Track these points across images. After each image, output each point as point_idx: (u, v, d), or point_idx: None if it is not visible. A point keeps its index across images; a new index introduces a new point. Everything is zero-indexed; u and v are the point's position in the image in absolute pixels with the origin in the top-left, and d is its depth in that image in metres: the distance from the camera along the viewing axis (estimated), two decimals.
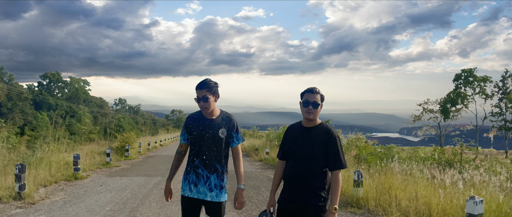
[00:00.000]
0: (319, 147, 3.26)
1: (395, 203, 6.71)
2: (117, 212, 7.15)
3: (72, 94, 66.67)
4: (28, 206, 7.49)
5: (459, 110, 50.82)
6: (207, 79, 3.53)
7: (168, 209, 7.39)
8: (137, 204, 7.87)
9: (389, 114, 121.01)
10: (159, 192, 9.20)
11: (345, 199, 7.90)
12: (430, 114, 51.36)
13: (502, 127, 47.23)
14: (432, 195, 6.32)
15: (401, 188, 7.11)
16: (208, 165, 3.50)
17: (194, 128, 3.57)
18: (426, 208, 6.11)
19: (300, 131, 3.41)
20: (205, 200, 3.51)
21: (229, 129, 3.60)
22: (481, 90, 50.21)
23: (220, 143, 3.54)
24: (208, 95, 3.45)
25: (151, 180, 11.20)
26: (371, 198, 7.22)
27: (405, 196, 6.78)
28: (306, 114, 3.32)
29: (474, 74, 50.31)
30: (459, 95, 50.43)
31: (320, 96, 3.33)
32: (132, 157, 19.27)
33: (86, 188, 9.71)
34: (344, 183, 8.62)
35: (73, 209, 7.31)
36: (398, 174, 8.01)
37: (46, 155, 11.90)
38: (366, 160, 11.30)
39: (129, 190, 9.53)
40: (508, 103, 46.77)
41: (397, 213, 6.33)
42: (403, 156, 11.39)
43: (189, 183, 3.55)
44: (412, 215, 6.08)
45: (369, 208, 7.06)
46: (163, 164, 16.39)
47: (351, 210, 7.13)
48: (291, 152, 3.41)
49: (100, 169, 13.99)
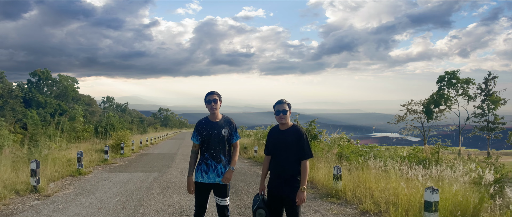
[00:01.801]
0: (292, 143, 4.35)
1: (369, 194, 7.77)
2: (126, 202, 8.11)
3: (61, 92, 66.86)
4: (45, 198, 8.39)
5: (442, 110, 52.34)
6: (215, 90, 4.72)
7: (170, 199, 8.37)
8: (142, 195, 8.84)
9: (389, 114, 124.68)
10: (159, 186, 10.16)
11: (326, 191, 8.97)
12: (414, 114, 52.79)
13: (484, 128, 48.81)
14: (400, 187, 7.38)
15: (375, 181, 8.18)
16: (215, 157, 4.59)
17: (203, 129, 4.66)
18: (395, 197, 7.17)
19: (278, 132, 4.53)
20: (214, 183, 4.58)
21: (230, 129, 4.73)
22: (464, 92, 51.82)
23: (224, 140, 4.65)
24: (217, 98, 4.65)
25: (149, 175, 12.14)
26: (348, 190, 8.30)
27: (378, 188, 7.84)
28: (278, 120, 4.49)
29: (457, 77, 51.90)
30: (442, 96, 51.98)
31: (287, 105, 4.47)
32: (127, 154, 20.13)
33: (92, 183, 10.63)
34: (325, 177, 9.70)
35: (86, 200, 8.26)
36: (373, 170, 9.08)
37: (51, 152, 12.74)
38: (348, 158, 12.36)
39: (132, 184, 10.47)
40: (490, 105, 48.34)
41: (369, 202, 7.40)
42: (386, 155, 12.46)
43: (201, 172, 4.59)
44: (382, 203, 7.14)
45: (347, 198, 8.14)
46: (158, 161, 17.30)
47: (331, 200, 8.20)
48: (273, 149, 4.52)
49: (99, 165, 14.87)
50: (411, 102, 52.68)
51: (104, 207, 7.57)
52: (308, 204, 7.95)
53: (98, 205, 7.75)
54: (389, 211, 6.68)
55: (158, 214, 7.06)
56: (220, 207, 4.62)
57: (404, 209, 6.49)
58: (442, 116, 52.53)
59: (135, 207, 7.65)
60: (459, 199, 6.38)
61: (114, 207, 7.59)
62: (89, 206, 7.71)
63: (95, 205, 7.79)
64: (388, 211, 6.70)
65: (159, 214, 7.06)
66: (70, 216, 6.89)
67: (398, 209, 6.54)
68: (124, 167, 14.80)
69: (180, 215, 7.04)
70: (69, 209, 7.41)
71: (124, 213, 7.14)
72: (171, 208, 7.54)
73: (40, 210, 7.31)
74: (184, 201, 8.28)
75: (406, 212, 6.41)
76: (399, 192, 7.19)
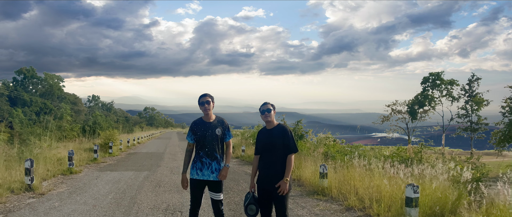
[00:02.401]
0: (278, 141, 4.74)
1: (354, 191, 8.15)
2: (119, 199, 8.36)
3: (47, 91, 66.25)
4: (39, 196, 8.58)
5: (426, 111, 53.25)
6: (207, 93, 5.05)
7: (162, 197, 8.64)
8: (134, 193, 9.09)
9: (429, 113, 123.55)
10: (150, 184, 10.41)
11: (312, 188, 9.33)
12: (398, 114, 53.61)
13: (467, 128, 49.76)
14: (383, 184, 7.78)
15: (359, 179, 8.57)
16: (209, 155, 4.89)
17: (197, 130, 4.96)
18: (378, 194, 7.56)
19: (265, 132, 4.93)
20: (209, 180, 4.89)
21: (223, 128, 5.04)
22: (448, 93, 52.79)
23: (217, 139, 4.96)
24: (209, 100, 4.95)
25: (140, 174, 12.37)
26: (334, 187, 8.67)
27: (362, 185, 8.22)
28: (264, 119, 4.92)
29: (441, 78, 52.87)
30: (426, 97, 52.87)
31: (271, 105, 4.93)
32: (115, 153, 20.28)
33: (84, 181, 10.83)
34: (311, 175, 10.06)
35: (80, 198, 8.48)
36: (358, 168, 9.47)
37: (43, 152, 12.89)
38: (334, 157, 12.75)
39: (123, 182, 10.70)
40: (473, 106, 49.29)
41: (354, 198, 7.77)
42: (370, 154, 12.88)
43: (196, 169, 4.88)
44: (366, 200, 7.52)
45: (332, 195, 8.51)
46: (146, 160, 17.51)
47: (317, 197, 8.57)
48: (261, 148, 4.89)
49: (89, 164, 15.03)
50: (396, 103, 53.49)
51: (99, 205, 7.81)
52: (295, 201, 8.30)
53: (92, 203, 7.99)
54: (372, 207, 7.06)
55: (152, 211, 7.33)
56: (215, 202, 4.94)
57: (386, 205, 6.87)
58: (426, 116, 53.42)
59: (129, 204, 7.91)
60: (438, 195, 6.78)
61: (108, 205, 7.83)
62: (84, 203, 7.94)
63: (90, 202, 8.02)
64: (372, 207, 7.08)
65: (152, 211, 7.33)
66: (66, 213, 7.11)
67: (381, 205, 6.93)
68: (113, 166, 14.98)
69: (173, 211, 7.33)
70: (65, 206, 7.63)
71: (119, 210, 7.39)
72: (164, 205, 7.82)
73: (37, 207, 7.52)
74: (176, 198, 8.56)
75: (388, 208, 6.79)
76: (382, 189, 7.58)
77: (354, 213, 7.20)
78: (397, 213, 6.47)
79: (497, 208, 5.78)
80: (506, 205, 5.72)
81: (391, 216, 6.52)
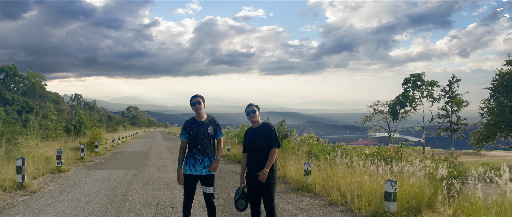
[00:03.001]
0: (263, 138, 5.18)
1: (336, 188, 8.56)
2: (111, 196, 8.63)
3: (29, 89, 65.42)
4: (32, 194, 8.77)
5: (407, 111, 54.35)
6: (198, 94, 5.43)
7: (153, 194, 8.93)
8: (125, 190, 9.36)
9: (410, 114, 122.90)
10: (140, 182, 10.68)
11: (297, 185, 9.73)
12: (380, 114, 54.57)
13: (447, 128, 50.91)
14: (364, 181, 8.21)
15: (341, 176, 8.99)
16: (202, 152, 5.26)
17: (190, 128, 5.32)
18: (359, 189, 7.98)
19: (251, 131, 5.36)
20: (201, 175, 5.25)
21: (215, 127, 5.43)
22: (429, 94, 53.96)
23: (209, 137, 5.34)
24: (200, 100, 5.32)
25: (128, 172, 12.61)
26: (317, 184, 9.08)
27: (344, 182, 8.64)
28: (250, 119, 5.35)
29: (422, 79, 54.04)
30: (407, 98, 53.99)
31: (255, 106, 5.34)
32: (101, 152, 20.40)
33: (74, 179, 11.04)
34: (296, 173, 10.47)
35: (72, 195, 8.72)
36: (340, 166, 9.90)
37: (31, 150, 13.01)
38: (317, 156, 13.19)
39: (113, 180, 10.95)
40: (453, 107, 50.45)
41: (336, 194, 8.19)
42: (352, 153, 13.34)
43: (189, 165, 5.24)
44: (348, 195, 7.94)
45: (316, 191, 8.92)
46: (133, 159, 17.72)
47: (302, 193, 8.97)
48: (249, 146, 5.32)
49: (77, 163, 15.19)
50: (378, 103, 54.44)
51: (92, 201, 8.07)
52: (281, 196, 8.68)
53: (85, 200, 8.23)
54: (354, 202, 7.48)
55: (144, 207, 7.63)
56: (207, 195, 5.31)
57: (367, 200, 7.30)
58: (408, 116, 54.56)
59: (121, 200, 8.19)
60: (415, 191, 7.23)
61: (101, 201, 8.10)
62: (76, 200, 8.19)
63: (82, 199, 8.27)
64: (353, 202, 7.50)
65: (144, 207, 7.63)
66: (61, 210, 7.35)
67: (362, 200, 7.36)
68: (101, 164, 15.17)
69: (164, 207, 7.63)
70: (59, 203, 7.86)
71: (112, 206, 7.66)
72: (155, 201, 8.12)
73: (31, 205, 7.73)
74: (166, 195, 8.85)
75: (369, 202, 7.22)
76: (363, 185, 8.01)
77: (337, 208, 7.61)
78: (377, 207, 6.90)
79: (468, 202, 6.24)
80: (476, 199, 6.18)
81: (371, 210, 6.94)
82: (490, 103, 29.70)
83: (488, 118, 29.21)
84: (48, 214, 7.01)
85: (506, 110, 27.21)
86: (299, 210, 7.48)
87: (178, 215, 7.01)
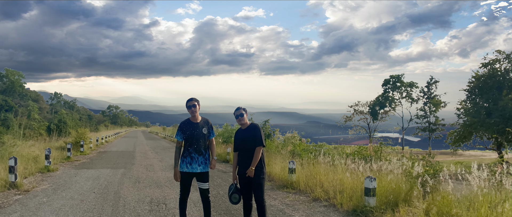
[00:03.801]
0: (250, 138, 5.72)
1: (319, 184, 9.07)
2: (104, 194, 8.96)
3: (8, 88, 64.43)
4: (25, 193, 9.00)
5: (387, 112, 55.50)
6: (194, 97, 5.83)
7: (144, 192, 9.30)
8: (116, 189, 9.69)
9: (390, 114, 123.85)
10: (129, 181, 11.01)
11: (282, 183, 10.22)
12: (361, 115, 55.59)
13: (426, 129, 52.19)
14: (345, 178, 8.74)
15: (324, 174, 9.51)
16: (197, 151, 5.70)
17: (186, 129, 5.74)
18: (341, 186, 8.50)
19: (241, 132, 5.92)
20: (196, 172, 5.70)
21: (208, 128, 5.89)
22: (408, 95, 55.24)
23: (204, 137, 5.79)
24: (196, 104, 5.75)
25: (117, 171, 12.91)
26: (301, 181, 9.59)
27: (327, 179, 9.16)
28: (239, 122, 5.93)
29: (402, 80, 55.30)
30: (387, 98, 55.16)
31: (243, 110, 5.91)
32: (86, 152, 20.55)
33: (64, 178, 11.30)
34: (280, 171, 10.95)
35: (66, 194, 9.01)
36: (323, 164, 10.42)
37: (20, 150, 13.18)
38: (300, 155, 13.71)
39: (103, 179, 11.25)
40: (431, 107, 51.75)
41: (320, 190, 8.70)
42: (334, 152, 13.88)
43: (186, 163, 5.67)
44: (330, 191, 8.45)
45: (300, 188, 9.42)
46: (119, 158, 17.95)
47: (287, 190, 9.46)
48: (238, 146, 5.86)
49: (63, 162, 15.38)
50: (358, 103, 55.44)
51: (86, 199, 8.39)
52: (267, 193, 9.15)
53: (79, 198, 8.55)
54: (336, 197, 7.99)
55: (138, 204, 7.99)
56: (203, 190, 5.76)
57: (348, 195, 7.82)
58: (387, 117, 55.71)
59: (114, 198, 8.53)
60: (393, 187, 7.77)
61: (95, 199, 8.43)
62: (71, 198, 8.49)
63: (77, 198, 8.58)
64: (336, 197, 8.01)
65: (138, 204, 8.00)
66: (57, 208, 7.65)
67: (343, 195, 7.88)
68: (88, 164, 15.39)
69: (157, 203, 8.02)
70: (54, 202, 8.16)
71: (106, 204, 8.01)
72: (148, 199, 8.50)
73: (26, 203, 7.99)
74: (158, 193, 9.22)
75: (350, 198, 7.73)
76: (344, 182, 8.55)
77: (320, 203, 8.11)
78: (358, 202, 7.42)
79: (440, 196, 6.80)
80: (447, 194, 6.75)
81: (352, 204, 7.46)
82: (466, 105, 30.74)
83: (465, 118, 30.22)
84: (45, 212, 7.30)
85: (482, 111, 28.22)
86: (285, 206, 7.96)
87: (172, 211, 7.41)
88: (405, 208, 6.99)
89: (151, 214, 7.16)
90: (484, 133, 28.81)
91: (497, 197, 6.41)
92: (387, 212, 6.90)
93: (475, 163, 7.34)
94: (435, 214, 6.37)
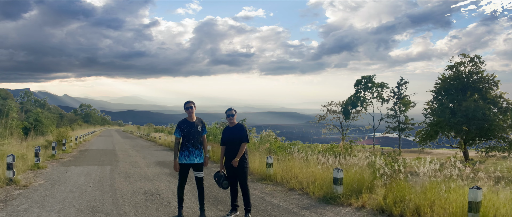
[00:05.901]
0: (237, 135, 6.85)
1: (294, 177, 10.22)
2: (100, 187, 9.85)
3: None
4: (24, 188, 9.67)
5: (358, 111, 57.36)
6: (190, 100, 6.90)
7: (137, 185, 10.23)
8: (110, 182, 10.59)
9: (361, 113, 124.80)
10: (119, 176, 11.88)
11: (261, 176, 11.33)
12: (333, 114, 57.22)
13: (396, 128, 54.27)
14: (317, 170, 9.92)
15: (298, 167, 10.67)
16: (194, 145, 6.79)
17: (184, 127, 6.83)
18: (313, 177, 9.67)
19: (229, 129, 7.01)
20: (193, 163, 6.78)
21: (202, 126, 6.99)
22: (379, 95, 57.28)
23: (199, 134, 6.89)
24: (192, 106, 6.86)
25: (105, 168, 13.74)
26: (278, 174, 10.75)
27: (301, 172, 10.32)
28: (229, 121, 7.00)
29: (373, 81, 57.32)
30: (359, 98, 57.09)
31: (234, 110, 6.99)
32: (68, 150, 21.14)
33: (57, 175, 12.06)
34: (259, 165, 12.06)
35: (64, 188, 9.84)
36: (297, 159, 11.58)
37: (10, 148, 13.82)
38: (275, 152, 14.84)
39: (94, 174, 12.09)
40: (401, 107, 53.88)
41: (294, 181, 9.84)
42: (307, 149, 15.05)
43: (184, 156, 6.75)
44: (304, 182, 9.61)
45: (277, 180, 10.57)
46: (102, 156, 18.66)
47: (265, 182, 10.59)
48: (226, 140, 7.00)
49: (49, 160, 16.05)
50: (331, 103, 57.06)
51: (85, 192, 9.27)
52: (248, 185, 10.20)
53: (78, 191, 9.41)
54: (309, 187, 9.15)
55: (134, 195, 8.93)
56: (198, 178, 6.87)
57: (319, 185, 8.99)
58: (359, 116, 57.56)
59: (110, 190, 9.44)
60: (357, 177, 8.97)
61: (93, 191, 9.32)
62: (70, 191, 9.34)
63: (75, 191, 9.43)
64: (309, 187, 9.17)
65: (134, 195, 8.93)
66: (61, 199, 8.49)
67: (315, 185, 9.04)
68: (74, 161, 16.11)
69: (152, 194, 8.99)
70: (56, 194, 8.99)
71: (105, 195, 8.92)
72: (142, 190, 9.45)
73: (30, 196, 8.74)
74: (149, 186, 10.16)
75: (321, 187, 8.90)
76: (316, 174, 9.74)
77: (295, 192, 9.27)
78: (328, 190, 8.61)
79: (397, 183, 8.02)
80: (402, 181, 7.98)
81: (323, 192, 8.64)
82: (433, 105, 32.56)
83: (431, 118, 32.01)
84: (51, 203, 8.14)
85: (447, 111, 30.03)
86: (264, 194, 9.08)
87: (166, 199, 8.41)
88: (367, 194, 8.17)
89: (148, 202, 8.13)
90: (450, 131, 30.63)
91: (444, 184, 7.68)
92: (352, 197, 8.09)
93: (429, 158, 8.63)
94: (391, 199, 7.57)
